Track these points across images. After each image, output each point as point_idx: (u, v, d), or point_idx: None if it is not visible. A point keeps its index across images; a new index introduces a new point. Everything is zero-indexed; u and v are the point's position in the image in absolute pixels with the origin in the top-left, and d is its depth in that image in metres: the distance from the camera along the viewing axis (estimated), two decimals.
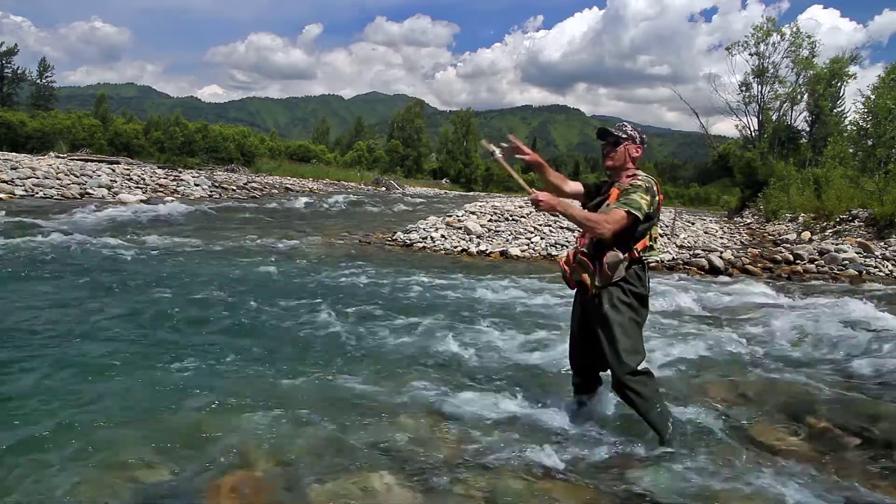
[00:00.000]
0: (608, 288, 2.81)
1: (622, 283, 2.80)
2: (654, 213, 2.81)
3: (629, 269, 2.79)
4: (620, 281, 2.79)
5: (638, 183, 2.78)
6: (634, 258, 2.80)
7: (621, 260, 2.77)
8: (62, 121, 40.09)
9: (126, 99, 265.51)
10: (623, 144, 2.87)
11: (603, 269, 2.79)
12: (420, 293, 6.41)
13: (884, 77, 19.23)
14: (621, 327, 2.79)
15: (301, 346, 4.27)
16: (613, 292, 2.81)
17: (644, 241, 2.81)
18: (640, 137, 2.91)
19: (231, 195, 20.35)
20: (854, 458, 2.88)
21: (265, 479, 2.42)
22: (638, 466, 2.66)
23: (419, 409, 3.18)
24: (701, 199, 57.19)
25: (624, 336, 2.78)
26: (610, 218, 2.71)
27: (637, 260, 2.81)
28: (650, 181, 2.80)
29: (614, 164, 2.89)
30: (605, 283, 2.80)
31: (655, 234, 2.87)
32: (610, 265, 2.78)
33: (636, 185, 2.77)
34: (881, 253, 10.15)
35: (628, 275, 2.79)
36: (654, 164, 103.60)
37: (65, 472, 2.39)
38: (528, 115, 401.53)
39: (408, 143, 63.51)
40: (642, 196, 2.73)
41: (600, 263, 2.80)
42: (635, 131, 2.92)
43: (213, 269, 7.04)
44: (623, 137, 2.87)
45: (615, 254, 2.77)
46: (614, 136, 2.88)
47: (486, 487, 2.41)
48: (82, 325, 4.35)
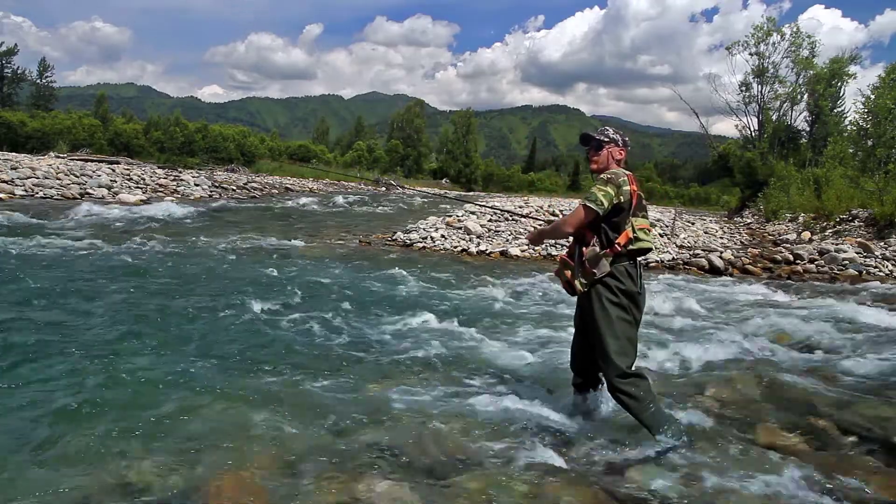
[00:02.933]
0: (597, 287, 2.82)
1: (610, 281, 2.80)
2: (626, 204, 2.79)
3: (616, 265, 2.80)
4: (608, 278, 2.79)
5: (601, 177, 2.83)
6: (618, 252, 2.80)
7: (600, 254, 2.78)
8: (63, 121, 40.06)
9: (126, 99, 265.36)
10: (606, 148, 2.93)
11: (584, 264, 2.81)
12: (420, 293, 6.41)
13: (884, 77, 19.21)
14: (610, 328, 2.79)
15: (301, 346, 4.27)
16: (602, 292, 2.81)
17: (626, 234, 2.80)
18: (622, 140, 2.98)
19: (231, 195, 20.36)
20: (854, 457, 2.88)
21: (265, 479, 2.42)
22: (638, 466, 2.66)
23: (419, 409, 3.18)
24: (701, 199, 57.19)
25: (612, 338, 2.78)
26: (569, 216, 2.82)
27: (623, 255, 2.81)
28: (617, 173, 2.82)
29: (598, 168, 2.94)
30: (590, 280, 2.81)
31: (641, 226, 2.85)
32: (590, 260, 2.80)
33: (598, 180, 2.83)
34: (881, 253, 10.15)
35: (616, 271, 2.79)
36: (655, 164, 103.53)
37: (64, 471, 2.39)
38: (528, 115, 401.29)
39: (408, 143, 63.47)
40: (600, 188, 2.77)
41: (580, 259, 2.83)
42: (617, 134, 2.98)
43: (213, 269, 7.04)
44: (605, 141, 2.94)
45: (593, 248, 2.80)
46: (597, 140, 2.95)
47: (486, 487, 2.41)
48: (81, 325, 4.35)
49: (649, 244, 2.89)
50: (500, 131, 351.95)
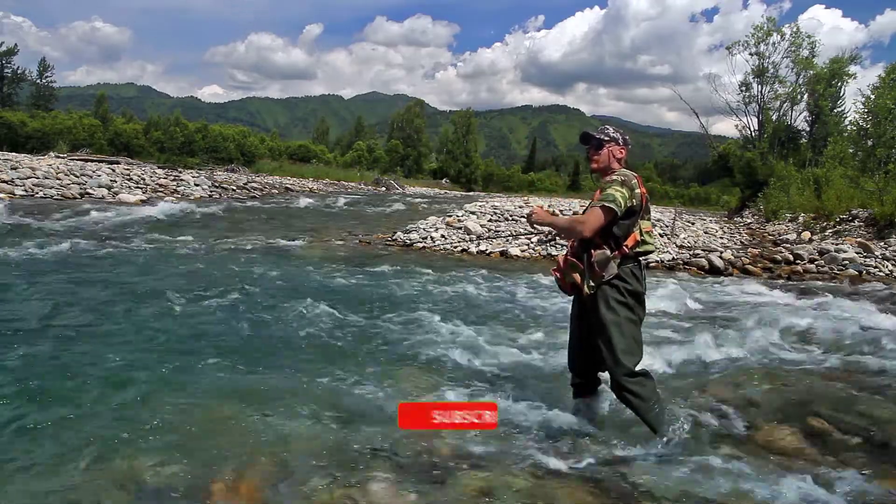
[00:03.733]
0: (603, 287, 2.82)
1: (617, 282, 2.80)
2: (637, 207, 2.80)
3: (622, 266, 2.80)
4: (615, 279, 2.80)
5: (614, 178, 2.82)
6: (626, 255, 2.80)
7: (610, 257, 2.78)
8: (63, 121, 40.06)
9: (126, 99, 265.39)
10: (606, 147, 2.92)
11: (593, 267, 2.81)
12: (419, 293, 6.41)
13: (884, 77, 19.21)
14: (618, 328, 2.79)
15: (300, 346, 4.28)
16: (609, 292, 2.81)
17: (633, 237, 2.81)
18: (622, 139, 2.96)
19: (231, 195, 20.35)
20: (854, 457, 2.88)
21: (265, 479, 2.42)
22: (638, 466, 2.66)
23: None
24: (701, 199, 57.15)
25: (621, 337, 2.79)
26: (587, 216, 2.78)
27: (630, 257, 2.82)
28: (628, 175, 2.82)
29: (599, 167, 2.93)
30: (598, 282, 2.81)
31: (647, 229, 2.87)
32: (599, 263, 2.79)
33: (612, 181, 2.81)
34: (881, 253, 10.15)
35: (622, 272, 2.80)
36: (655, 164, 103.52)
37: (64, 471, 2.39)
38: (528, 115, 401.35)
39: (408, 143, 63.46)
40: (617, 189, 2.76)
41: (589, 262, 2.82)
42: (617, 133, 2.97)
43: (213, 269, 7.04)
44: (605, 140, 2.92)
45: (603, 251, 2.79)
46: (597, 139, 2.93)
47: (486, 487, 2.42)
48: (81, 325, 4.35)
49: (652, 247, 2.91)
50: (500, 131, 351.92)
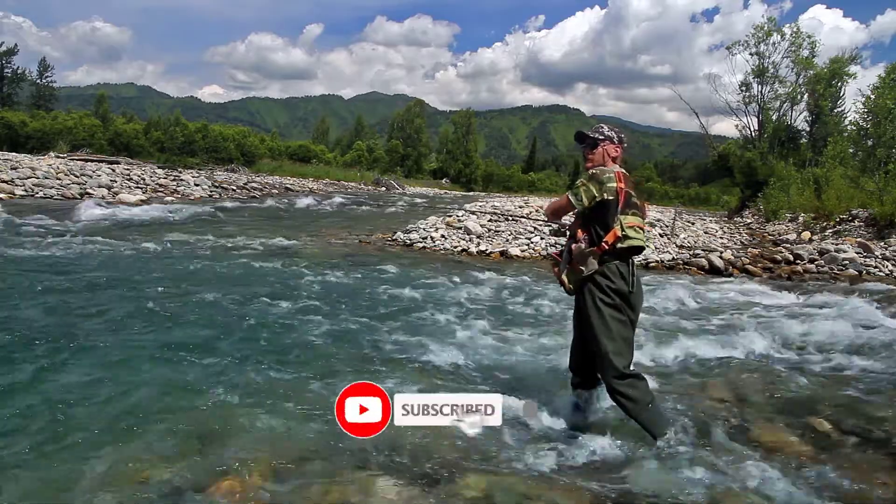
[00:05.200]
0: (589, 287, 2.82)
1: (601, 280, 2.78)
2: (611, 201, 2.75)
3: (608, 264, 2.78)
4: (599, 277, 2.78)
5: (588, 173, 2.85)
6: (608, 251, 2.78)
7: (587, 252, 2.78)
8: (64, 121, 40.08)
9: (126, 99, 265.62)
10: (601, 145, 2.91)
11: (572, 261, 2.83)
12: (419, 293, 6.41)
13: (884, 77, 19.20)
14: (605, 329, 2.78)
15: (300, 346, 4.27)
16: (595, 292, 2.80)
17: (614, 232, 2.75)
18: (617, 137, 2.95)
19: (231, 195, 20.36)
20: (854, 457, 2.88)
21: (265, 478, 2.42)
22: (638, 466, 2.66)
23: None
24: (701, 199, 57.19)
25: (608, 339, 2.77)
26: (554, 201, 2.92)
27: (614, 253, 2.78)
28: (604, 170, 2.81)
29: (593, 165, 2.93)
30: (578, 277, 2.82)
31: (630, 224, 2.76)
32: (577, 257, 2.81)
33: (582, 175, 2.87)
34: (881, 253, 10.15)
35: (608, 270, 2.78)
36: (655, 164, 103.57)
37: (64, 470, 2.39)
38: (528, 115, 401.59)
39: (408, 143, 63.52)
40: (583, 182, 2.80)
41: (569, 257, 2.86)
42: (612, 131, 2.96)
43: (213, 269, 7.04)
44: (600, 139, 2.92)
45: (579, 246, 2.81)
46: (591, 138, 2.93)
47: (485, 487, 2.42)
48: (81, 325, 4.35)
49: (640, 242, 2.78)
50: (500, 131, 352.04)
